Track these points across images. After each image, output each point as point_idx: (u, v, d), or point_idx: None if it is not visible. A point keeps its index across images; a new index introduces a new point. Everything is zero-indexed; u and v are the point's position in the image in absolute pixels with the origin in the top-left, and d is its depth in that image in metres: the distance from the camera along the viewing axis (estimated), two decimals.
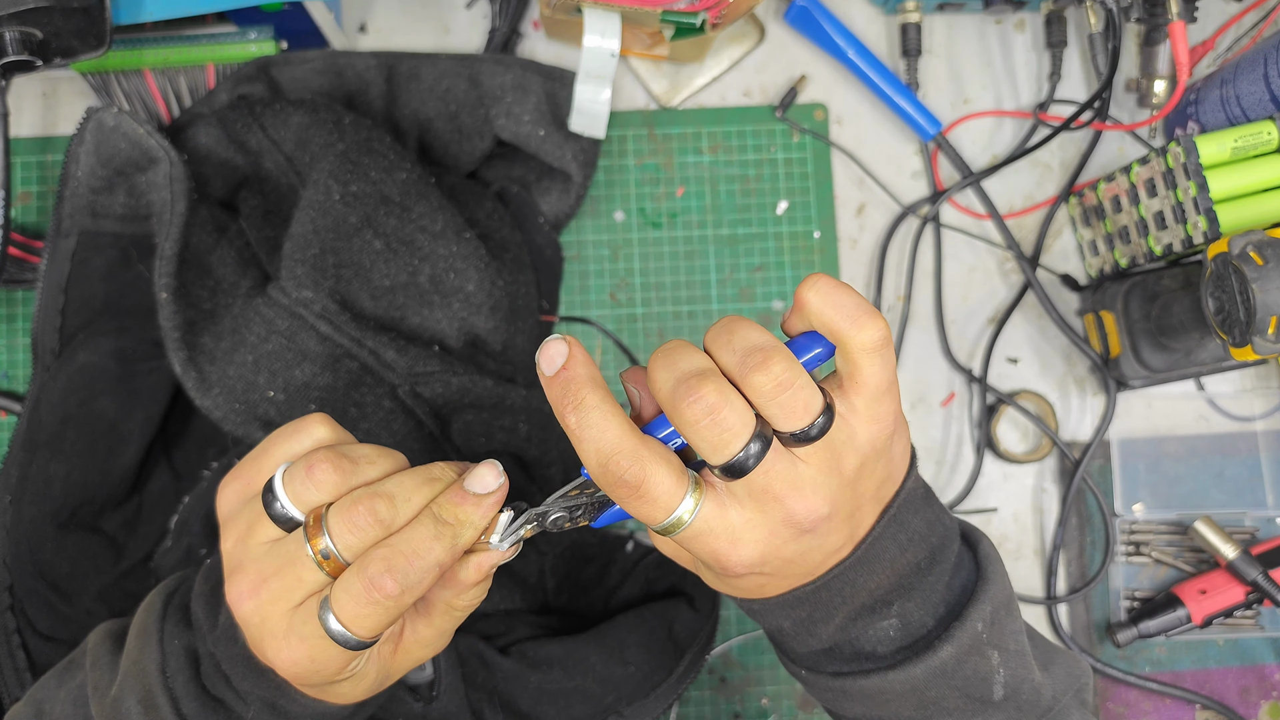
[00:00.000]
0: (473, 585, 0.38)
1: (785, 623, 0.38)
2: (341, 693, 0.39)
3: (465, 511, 0.36)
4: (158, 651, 0.39)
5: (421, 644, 0.40)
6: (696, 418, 0.32)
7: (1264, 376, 0.69)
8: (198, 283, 0.57)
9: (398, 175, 0.58)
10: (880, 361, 0.34)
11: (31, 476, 0.56)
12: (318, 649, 0.36)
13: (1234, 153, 0.59)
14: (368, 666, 0.38)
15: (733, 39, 0.69)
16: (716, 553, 0.34)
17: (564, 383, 0.34)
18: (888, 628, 0.38)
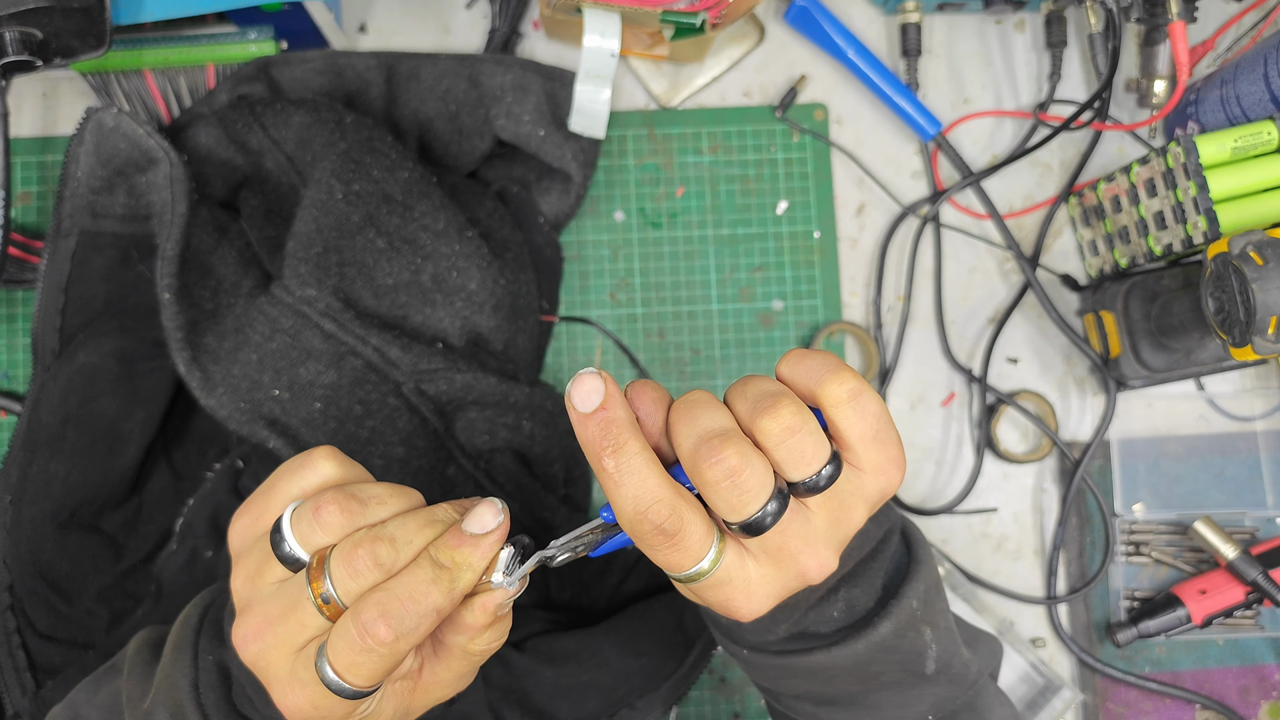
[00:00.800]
0: (483, 628, 0.36)
1: (746, 623, 0.39)
2: None
3: (463, 554, 0.35)
4: (191, 667, 0.39)
5: (440, 685, 0.39)
6: (718, 479, 0.32)
7: (1264, 376, 0.69)
8: (200, 283, 0.57)
9: (400, 174, 0.58)
10: (853, 412, 0.34)
11: (31, 476, 0.56)
12: (318, 696, 0.35)
13: (1234, 153, 0.59)
14: (383, 705, 0.37)
15: (733, 39, 0.69)
16: (730, 602, 0.35)
17: (603, 424, 0.33)
18: (833, 610, 0.39)
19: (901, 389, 0.69)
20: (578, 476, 0.64)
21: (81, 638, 0.56)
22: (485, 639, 0.37)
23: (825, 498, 0.34)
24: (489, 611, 0.36)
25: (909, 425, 0.68)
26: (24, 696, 0.54)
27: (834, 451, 0.34)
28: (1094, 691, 0.67)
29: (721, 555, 0.34)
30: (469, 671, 0.39)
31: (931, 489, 0.68)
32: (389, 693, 0.38)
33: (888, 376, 0.68)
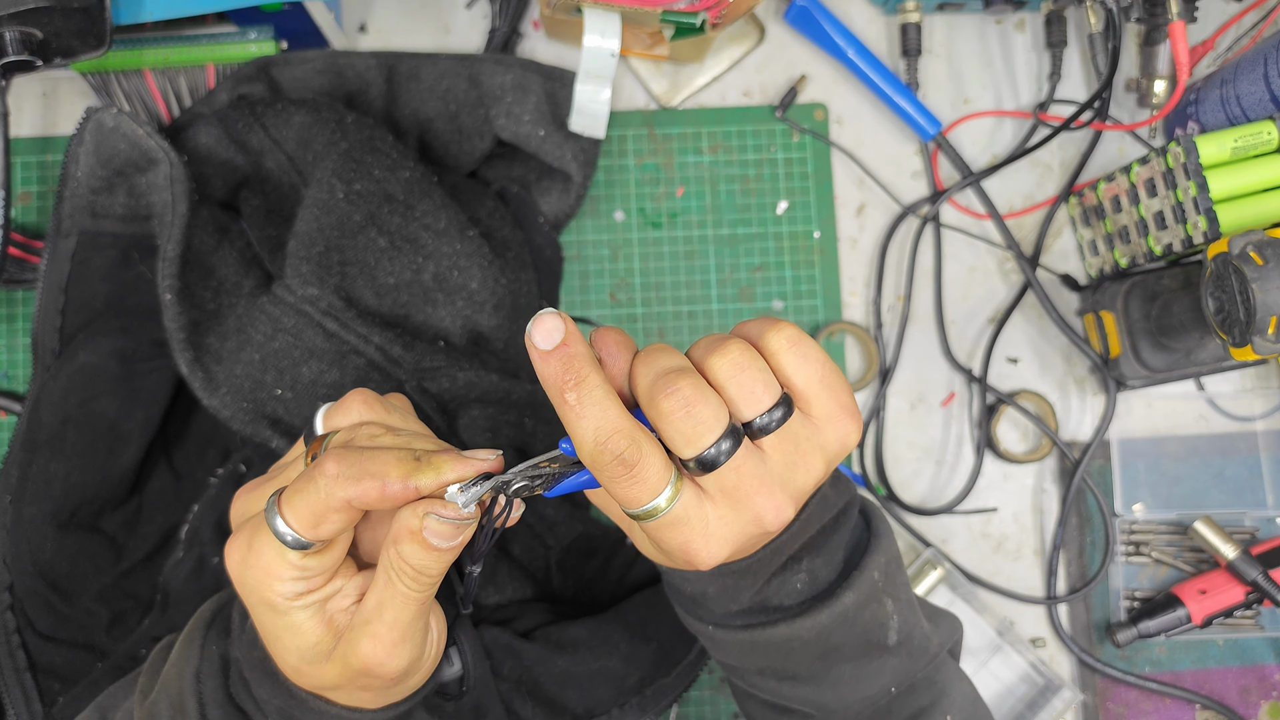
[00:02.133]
0: (413, 534, 0.35)
1: (710, 588, 0.39)
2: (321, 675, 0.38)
3: (440, 459, 0.35)
4: (197, 657, 0.40)
5: (380, 611, 0.36)
6: (672, 409, 0.32)
7: (1264, 376, 0.69)
8: (201, 283, 0.57)
9: (401, 174, 0.58)
10: (795, 357, 0.35)
11: (32, 476, 0.56)
12: (267, 550, 0.35)
13: (1234, 153, 0.59)
14: (308, 619, 0.36)
15: (733, 39, 0.69)
16: (689, 544, 0.34)
17: (564, 359, 0.33)
18: (796, 582, 0.39)
19: (901, 389, 0.69)
20: None
21: (81, 638, 0.56)
22: (410, 551, 0.35)
23: (779, 440, 0.34)
24: (419, 514, 0.35)
25: (909, 425, 0.68)
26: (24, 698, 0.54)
27: (784, 394, 0.34)
28: (1094, 691, 0.67)
29: (679, 493, 0.34)
30: (406, 601, 0.36)
31: (931, 489, 0.68)
32: (316, 611, 0.37)
33: (888, 376, 0.68)
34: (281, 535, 0.35)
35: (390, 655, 0.36)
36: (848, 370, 0.68)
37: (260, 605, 0.36)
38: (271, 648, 0.38)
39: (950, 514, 0.68)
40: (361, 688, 0.38)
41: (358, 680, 0.37)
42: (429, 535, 0.35)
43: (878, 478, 0.68)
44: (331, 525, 0.35)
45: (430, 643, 0.40)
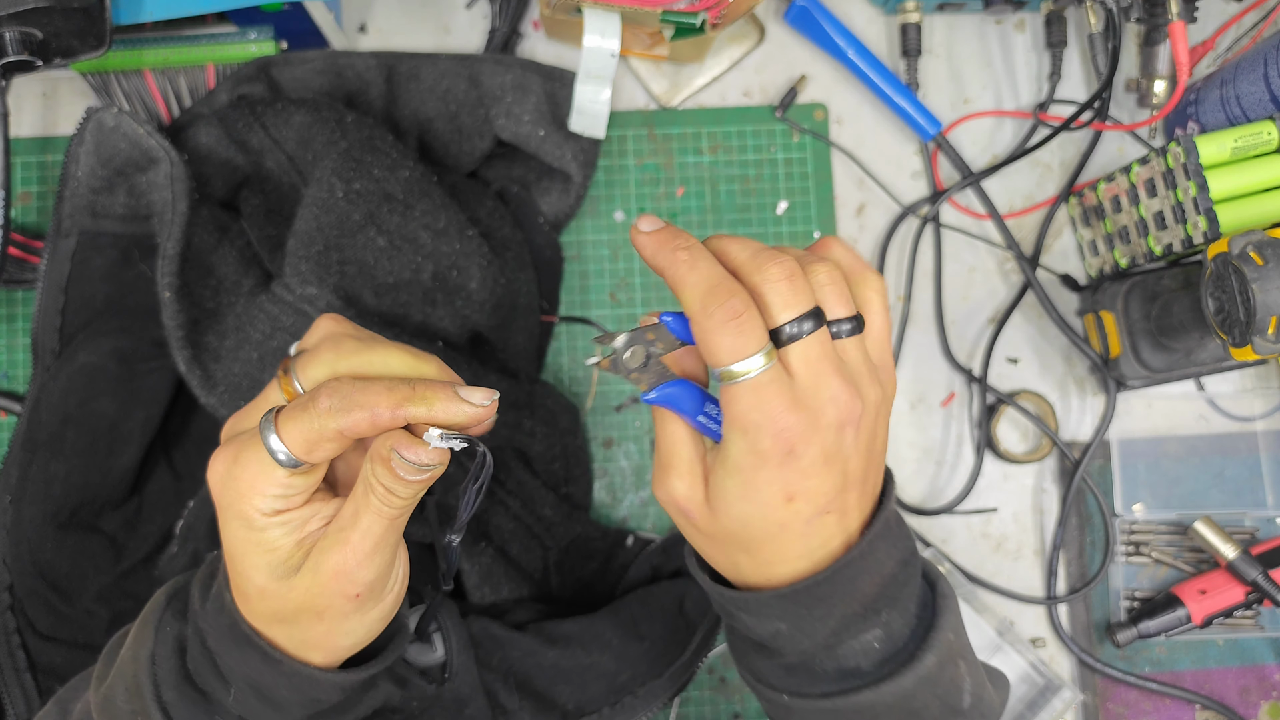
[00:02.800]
0: (383, 461, 0.35)
1: (781, 624, 0.38)
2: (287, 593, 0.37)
3: (436, 392, 0.35)
4: (151, 640, 0.39)
5: (355, 519, 0.36)
6: (779, 276, 0.35)
7: (1264, 376, 0.69)
8: (200, 282, 0.57)
9: (400, 173, 0.58)
10: (878, 299, 0.38)
11: (31, 476, 0.56)
12: (253, 464, 0.36)
13: (1234, 153, 0.59)
14: (280, 535, 0.36)
15: (733, 39, 0.69)
16: (772, 415, 0.34)
17: (672, 231, 0.36)
18: (872, 639, 0.38)
19: (901, 389, 0.69)
20: (577, 475, 0.64)
21: (81, 638, 0.56)
22: (382, 473, 0.35)
23: (853, 344, 0.36)
24: (386, 445, 0.35)
25: (909, 425, 0.68)
26: (23, 698, 0.54)
27: (858, 314, 0.37)
28: (1094, 691, 0.67)
29: (773, 360, 0.35)
30: (377, 519, 0.36)
31: (931, 489, 0.68)
32: (291, 530, 0.37)
33: None
34: (274, 452, 0.35)
35: (360, 565, 0.36)
36: None
37: (236, 520, 0.36)
38: (238, 567, 0.37)
39: (950, 514, 0.68)
40: (321, 614, 0.37)
41: (322, 600, 0.37)
42: (396, 467, 0.35)
43: None
44: (324, 452, 0.35)
45: (395, 578, 0.39)
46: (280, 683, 0.38)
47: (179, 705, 0.39)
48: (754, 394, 0.34)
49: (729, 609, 0.39)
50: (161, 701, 0.39)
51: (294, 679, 0.38)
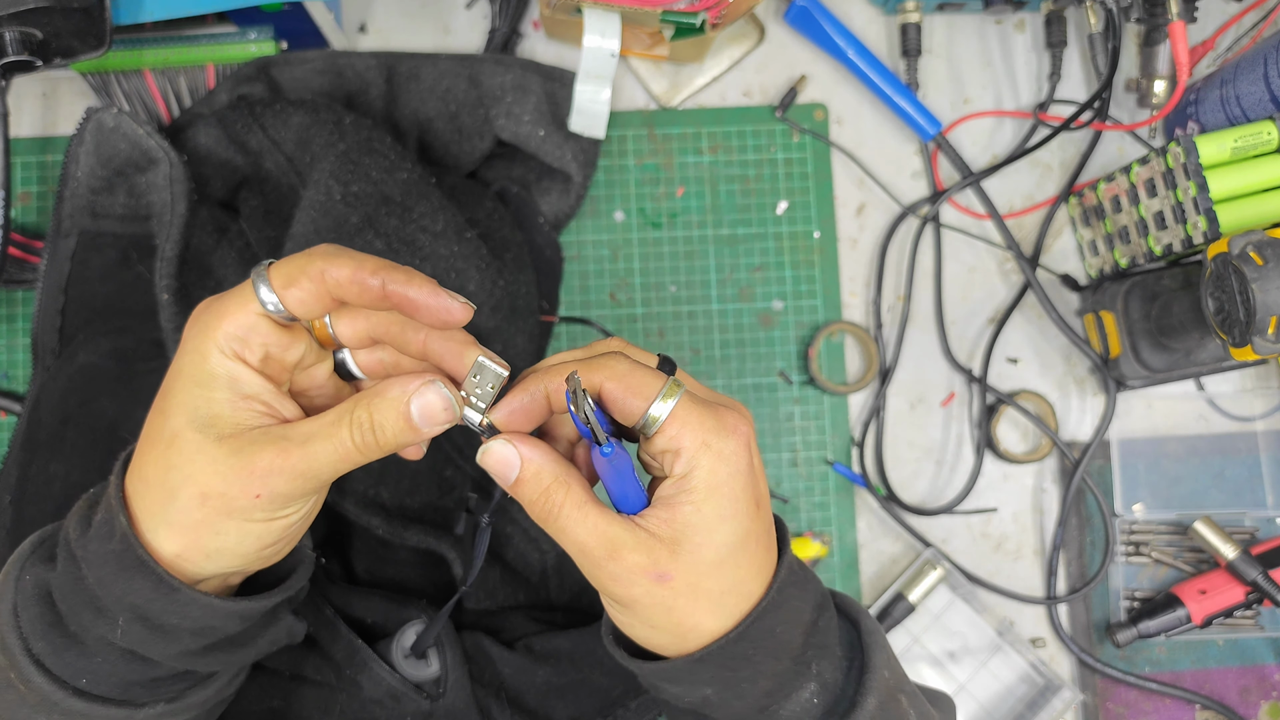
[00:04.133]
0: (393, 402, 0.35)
1: (708, 689, 0.37)
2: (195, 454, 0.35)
3: (415, 275, 0.35)
4: (12, 592, 0.38)
5: (307, 441, 0.35)
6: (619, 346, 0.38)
7: (1264, 376, 0.69)
8: (199, 283, 0.57)
9: (399, 175, 0.58)
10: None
11: (31, 477, 0.56)
12: (235, 297, 0.35)
13: (1234, 153, 0.59)
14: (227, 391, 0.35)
15: (732, 39, 0.69)
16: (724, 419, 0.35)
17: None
18: (809, 695, 0.37)
19: (901, 389, 0.69)
20: None
21: None
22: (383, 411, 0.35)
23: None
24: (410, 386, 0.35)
25: (909, 425, 0.68)
26: None
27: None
28: (1094, 691, 0.67)
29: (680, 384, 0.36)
30: (327, 450, 0.35)
31: (931, 489, 0.68)
32: (236, 382, 0.35)
33: (888, 377, 0.68)
34: (258, 288, 0.35)
35: (281, 476, 0.34)
36: (847, 370, 0.68)
37: (192, 353, 0.35)
38: (163, 405, 0.36)
39: (950, 514, 0.68)
40: (207, 497, 0.35)
41: (222, 482, 0.34)
42: (419, 406, 0.35)
43: (878, 478, 0.68)
44: (301, 290, 0.35)
45: (301, 511, 0.37)
46: (171, 610, 0.36)
47: (51, 655, 0.37)
48: (695, 408, 0.35)
49: (654, 682, 0.38)
50: (32, 654, 0.37)
51: (188, 607, 0.36)
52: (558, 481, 0.35)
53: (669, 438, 0.35)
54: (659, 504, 0.35)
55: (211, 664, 0.39)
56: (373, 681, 0.51)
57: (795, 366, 0.68)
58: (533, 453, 0.35)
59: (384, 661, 0.51)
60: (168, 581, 0.35)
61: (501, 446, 0.35)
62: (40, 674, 0.37)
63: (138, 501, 0.36)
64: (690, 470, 0.35)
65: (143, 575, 0.35)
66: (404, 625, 0.52)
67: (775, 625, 0.36)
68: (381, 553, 0.58)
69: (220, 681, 0.41)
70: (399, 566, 0.58)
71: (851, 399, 0.68)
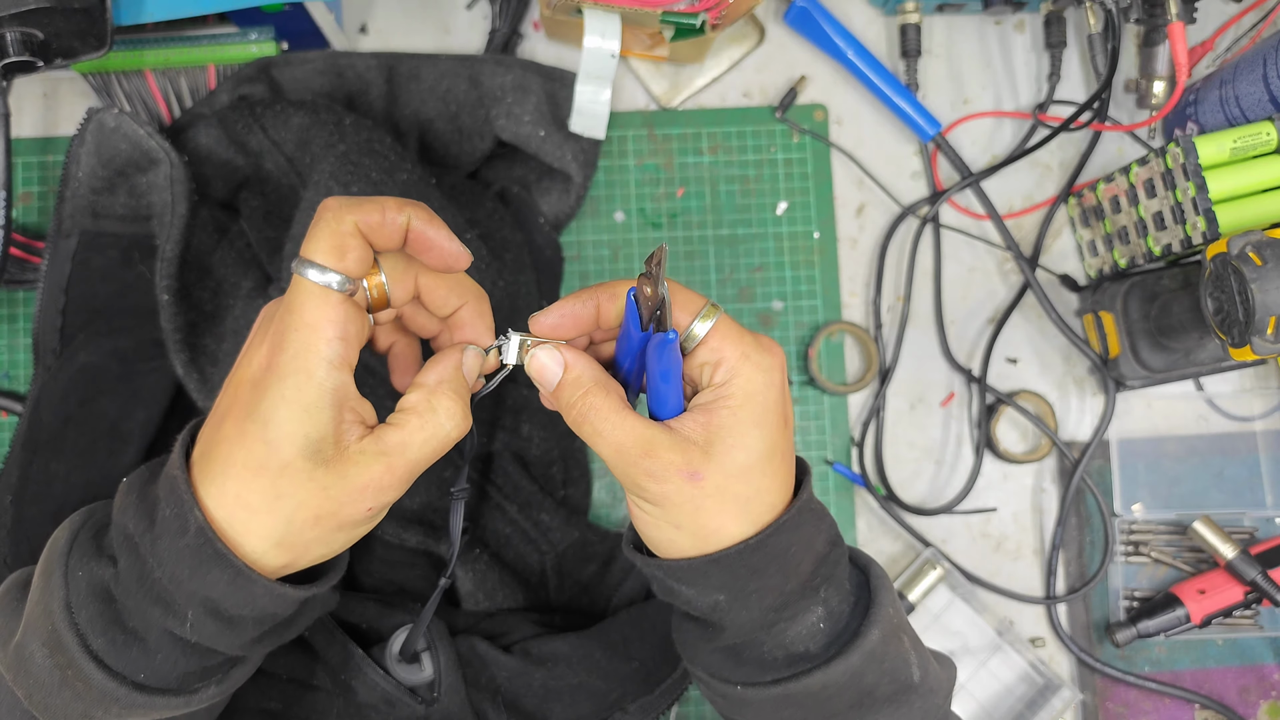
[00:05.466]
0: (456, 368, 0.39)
1: (720, 594, 0.38)
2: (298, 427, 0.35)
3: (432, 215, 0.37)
4: (62, 588, 0.37)
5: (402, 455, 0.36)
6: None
7: (1263, 376, 0.69)
8: (199, 284, 0.57)
9: (398, 176, 0.58)
10: None
11: (32, 477, 0.56)
12: (299, 294, 0.35)
13: (1233, 153, 0.59)
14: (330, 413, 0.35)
15: (732, 40, 0.69)
16: (757, 339, 0.38)
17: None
18: (816, 620, 0.39)
19: (901, 389, 0.69)
20: (576, 478, 0.64)
21: None
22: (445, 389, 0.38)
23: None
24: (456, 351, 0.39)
25: (909, 425, 0.69)
26: None
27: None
28: (1093, 691, 0.67)
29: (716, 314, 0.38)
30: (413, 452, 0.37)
31: (931, 489, 0.68)
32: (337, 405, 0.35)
33: (887, 377, 0.68)
34: (305, 271, 0.35)
35: (394, 484, 0.36)
36: (847, 370, 0.68)
37: (297, 373, 0.35)
38: (266, 429, 0.35)
39: (950, 514, 0.68)
40: (320, 519, 0.36)
41: (336, 507, 0.36)
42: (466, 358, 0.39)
43: (878, 478, 0.68)
44: (353, 251, 0.36)
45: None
46: (244, 601, 0.36)
47: (111, 652, 0.36)
48: (735, 326, 0.38)
49: (669, 584, 0.39)
50: (91, 651, 0.36)
51: (261, 598, 0.37)
52: (597, 384, 0.38)
53: (711, 349, 0.37)
54: (695, 410, 0.38)
55: (264, 648, 0.40)
56: (366, 687, 0.50)
57: (795, 366, 0.68)
58: (575, 358, 0.38)
59: (378, 666, 0.51)
60: (246, 574, 0.36)
61: (546, 352, 0.38)
62: (100, 671, 0.36)
63: (238, 524, 0.36)
64: (730, 379, 0.37)
65: (220, 568, 0.36)
66: (398, 629, 0.52)
67: (790, 545, 0.38)
68: (381, 554, 0.58)
69: (255, 661, 0.42)
70: (398, 569, 0.58)
71: (851, 399, 0.68)
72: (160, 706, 0.38)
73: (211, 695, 0.39)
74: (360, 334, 0.36)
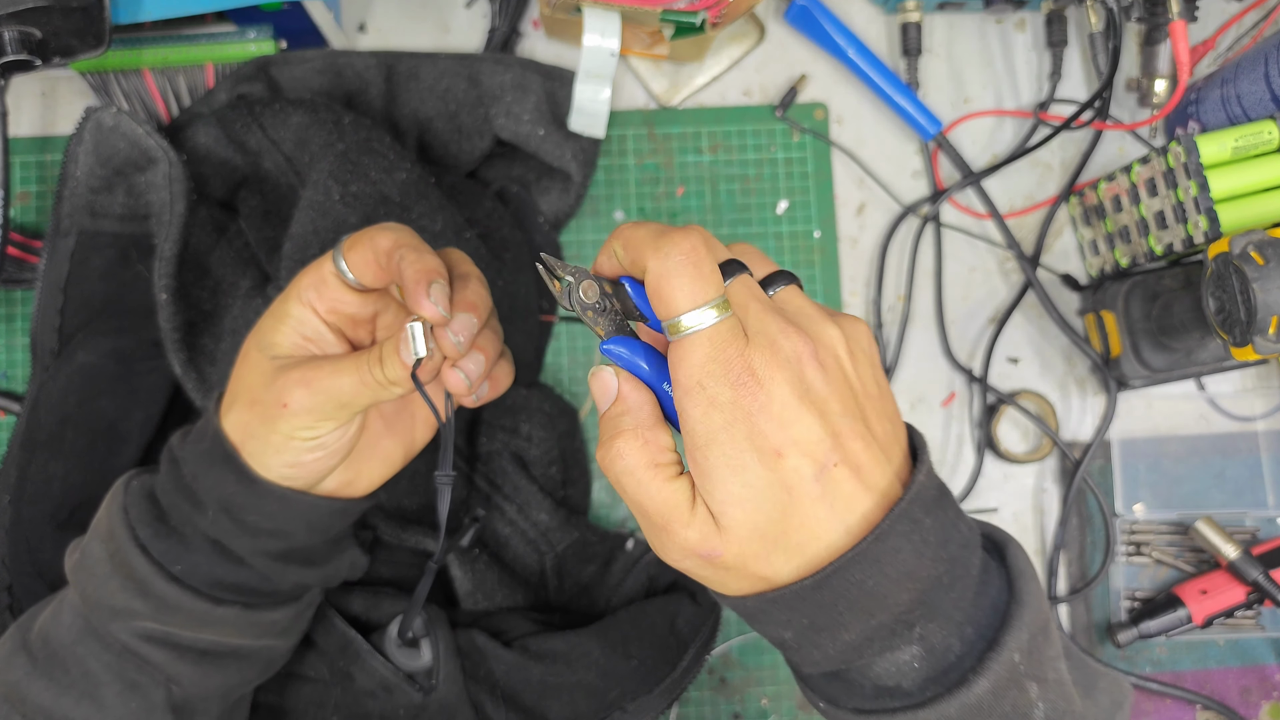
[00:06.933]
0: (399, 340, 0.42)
1: (786, 632, 0.34)
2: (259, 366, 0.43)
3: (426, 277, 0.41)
4: (122, 494, 0.45)
5: (328, 368, 0.42)
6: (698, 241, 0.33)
7: (1264, 376, 0.69)
8: (197, 283, 0.57)
9: (397, 175, 0.58)
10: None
11: (31, 476, 0.56)
12: (316, 264, 0.43)
13: (1235, 152, 0.59)
14: (289, 331, 0.43)
15: (733, 38, 0.69)
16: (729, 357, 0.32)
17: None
18: (910, 658, 0.34)
19: (902, 389, 0.68)
20: (576, 478, 0.63)
21: None
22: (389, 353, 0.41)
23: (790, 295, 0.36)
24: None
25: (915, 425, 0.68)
26: None
27: (787, 271, 0.37)
28: None
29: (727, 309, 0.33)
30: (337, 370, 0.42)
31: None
32: (299, 330, 0.43)
33: (888, 376, 0.68)
34: (336, 258, 0.43)
35: (301, 387, 0.41)
36: None
37: (279, 299, 0.44)
38: (252, 336, 0.44)
39: None
40: (253, 403, 0.43)
41: (265, 391, 0.42)
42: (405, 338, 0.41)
43: None
44: (356, 255, 0.42)
45: (344, 433, 0.43)
46: (251, 504, 0.43)
47: (154, 540, 0.43)
48: (709, 342, 0.32)
49: (739, 614, 0.36)
50: (138, 539, 0.43)
51: (264, 500, 0.43)
52: (634, 431, 0.34)
53: (677, 360, 0.32)
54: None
55: (287, 575, 0.45)
56: (365, 673, 0.51)
57: None
58: (628, 390, 0.35)
59: (376, 651, 0.51)
60: (247, 473, 0.42)
61: (609, 376, 0.35)
62: (143, 556, 0.43)
63: (241, 435, 0.43)
64: (687, 426, 0.33)
65: (227, 467, 0.43)
66: (396, 616, 0.52)
67: (867, 578, 0.32)
68: (382, 555, 0.58)
69: (288, 612, 0.47)
70: (398, 568, 0.58)
71: None
72: (189, 608, 0.43)
73: (234, 618, 0.44)
74: (343, 302, 0.44)
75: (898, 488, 0.34)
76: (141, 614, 0.43)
